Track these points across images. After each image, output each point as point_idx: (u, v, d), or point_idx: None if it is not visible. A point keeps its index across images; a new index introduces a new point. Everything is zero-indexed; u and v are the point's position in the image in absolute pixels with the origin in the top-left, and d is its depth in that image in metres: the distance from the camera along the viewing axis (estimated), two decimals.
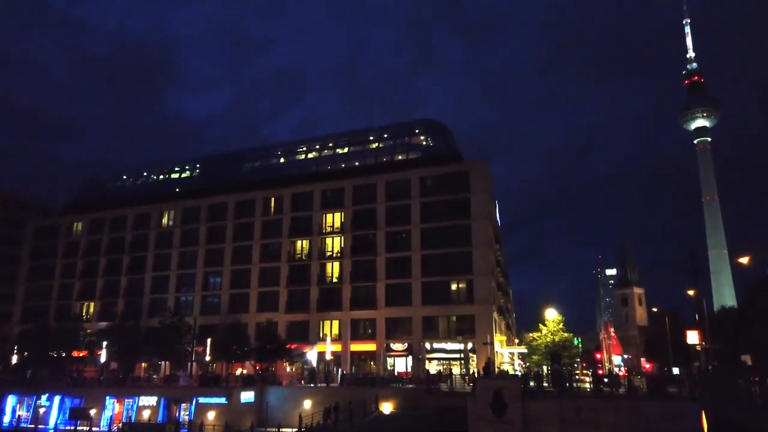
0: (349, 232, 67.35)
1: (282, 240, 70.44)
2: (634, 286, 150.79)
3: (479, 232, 62.10)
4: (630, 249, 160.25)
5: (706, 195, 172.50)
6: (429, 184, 65.56)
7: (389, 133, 73.48)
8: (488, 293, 60.58)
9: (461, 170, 64.71)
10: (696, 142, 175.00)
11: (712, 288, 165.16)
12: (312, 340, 64.87)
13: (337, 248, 68.03)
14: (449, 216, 62.95)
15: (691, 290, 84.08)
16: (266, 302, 68.86)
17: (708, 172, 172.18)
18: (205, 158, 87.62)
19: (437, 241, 62.74)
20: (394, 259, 64.68)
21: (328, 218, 69.43)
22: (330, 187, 70.03)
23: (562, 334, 59.54)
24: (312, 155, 76.56)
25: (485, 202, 63.73)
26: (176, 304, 73.72)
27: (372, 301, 63.99)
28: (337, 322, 65.39)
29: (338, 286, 66.35)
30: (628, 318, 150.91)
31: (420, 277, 62.99)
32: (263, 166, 78.63)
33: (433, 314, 61.77)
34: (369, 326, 64.47)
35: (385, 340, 62.88)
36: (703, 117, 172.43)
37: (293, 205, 71.35)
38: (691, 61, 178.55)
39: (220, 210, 75.76)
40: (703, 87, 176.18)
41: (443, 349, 60.83)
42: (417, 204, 65.14)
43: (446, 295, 61.90)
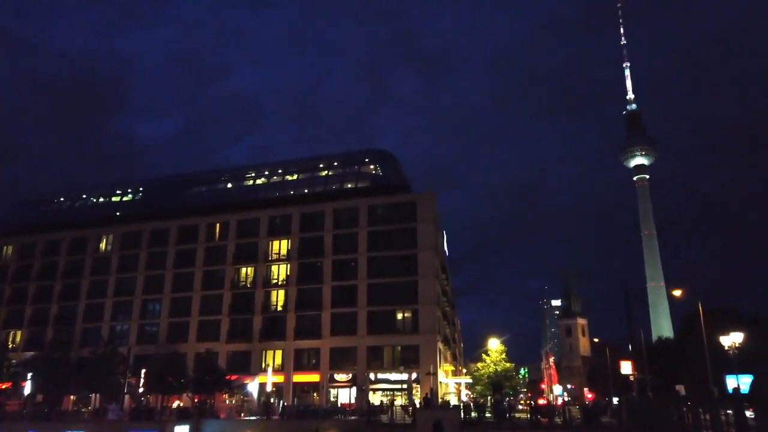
0: (296, 260, 66.55)
1: (226, 267, 68.82)
2: (577, 316, 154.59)
3: (425, 262, 62.55)
4: (574, 280, 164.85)
5: (645, 230, 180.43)
6: (377, 213, 65.92)
7: (339, 161, 73.76)
8: (433, 323, 60.76)
9: (409, 200, 65.48)
10: (635, 179, 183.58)
11: (651, 319, 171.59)
12: (254, 370, 63.04)
13: (283, 276, 66.99)
14: (396, 245, 63.27)
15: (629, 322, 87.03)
16: (207, 331, 66.68)
17: (646, 208, 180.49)
18: (149, 182, 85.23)
19: (384, 270, 62.75)
20: (341, 287, 64.18)
21: (274, 245, 68.48)
22: (277, 214, 69.32)
23: (505, 365, 60.26)
24: (260, 181, 75.77)
25: (432, 232, 64.47)
26: (111, 333, 70.43)
27: (317, 331, 63.02)
28: (281, 352, 63.94)
29: (283, 315, 65.10)
30: (571, 348, 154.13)
31: (366, 306, 62.62)
32: (209, 192, 77.14)
33: (378, 344, 61.30)
34: (313, 356, 63.29)
35: (329, 370, 61.82)
36: (642, 155, 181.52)
37: (239, 232, 70.11)
38: (630, 102, 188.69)
39: (162, 235, 73.52)
40: (641, 127, 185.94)
41: (387, 379, 60.28)
42: (364, 233, 65.23)
43: (392, 324, 61.68)
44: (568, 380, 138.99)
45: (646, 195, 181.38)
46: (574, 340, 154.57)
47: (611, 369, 66.78)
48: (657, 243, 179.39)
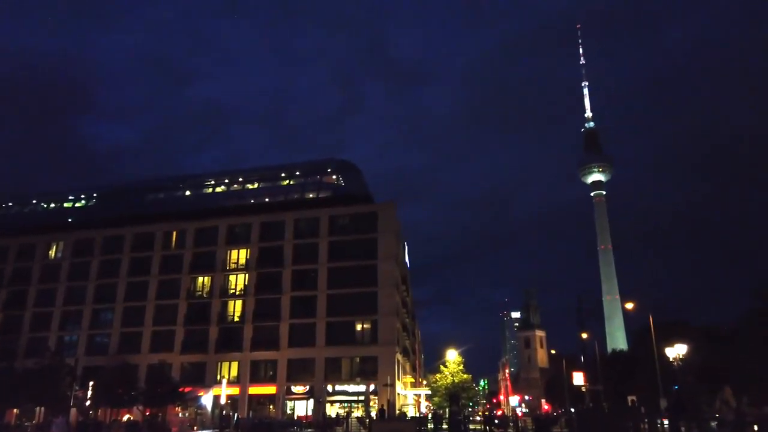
0: (254, 270, 65.67)
1: (182, 276, 67.28)
2: (536, 329, 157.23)
3: (385, 273, 62.67)
4: (534, 293, 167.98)
5: (601, 244, 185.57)
6: (338, 223, 65.83)
7: (301, 171, 73.42)
8: (392, 334, 60.79)
9: (370, 211, 65.63)
10: (593, 195, 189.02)
11: (606, 332, 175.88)
12: (208, 382, 61.55)
13: (241, 286, 65.97)
14: (357, 256, 63.18)
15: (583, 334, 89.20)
16: (161, 342, 64.90)
17: (603, 223, 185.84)
18: (104, 188, 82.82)
19: (344, 281, 62.49)
20: (300, 298, 63.60)
21: (232, 254, 67.43)
22: (236, 223, 68.39)
23: (462, 376, 60.72)
24: (220, 189, 74.66)
25: (392, 243, 64.74)
26: (59, 343, 67.63)
27: (274, 342, 62.14)
28: (237, 363, 62.76)
29: (240, 326, 64.00)
30: (530, 360, 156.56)
31: (325, 316, 62.17)
32: (167, 199, 75.49)
33: (336, 355, 60.89)
34: (270, 368, 62.39)
35: (287, 382, 61.00)
36: (599, 172, 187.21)
37: (196, 240, 68.77)
38: (588, 120, 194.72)
39: (115, 243, 71.40)
40: (598, 144, 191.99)
41: (345, 391, 59.91)
42: (325, 243, 64.97)
43: (350, 335, 61.41)
44: (526, 391, 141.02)
45: (602, 211, 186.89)
46: (532, 351, 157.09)
47: (568, 380, 69.06)
48: (613, 257, 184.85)
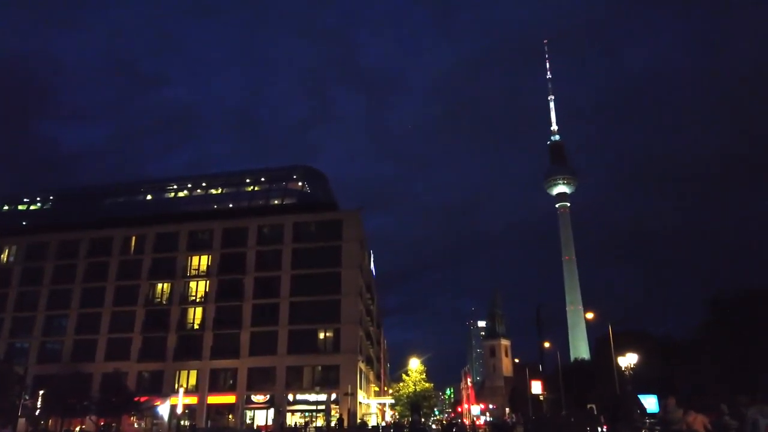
0: (216, 276, 64.52)
1: (140, 282, 65.55)
2: (501, 338, 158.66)
3: (349, 281, 62.41)
4: (499, 302, 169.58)
5: (566, 255, 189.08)
6: (302, 230, 65.31)
7: (266, 176, 72.66)
8: (355, 343, 60.48)
9: (335, 218, 65.35)
10: (557, 206, 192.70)
11: (569, 341, 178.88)
12: (166, 391, 60.01)
13: (202, 292, 64.70)
14: (320, 263, 62.70)
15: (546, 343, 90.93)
16: (117, 350, 62.92)
17: (567, 234, 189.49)
18: (61, 190, 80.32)
19: (307, 289, 61.90)
20: (262, 305, 62.72)
21: (193, 261, 66.13)
22: (198, 228, 67.14)
23: (424, 384, 60.68)
24: (182, 194, 73.23)
25: (357, 251, 64.58)
26: (9, 350, 65.02)
27: (235, 350, 61.06)
28: (195, 372, 61.39)
29: (199, 333, 62.66)
30: (495, 369, 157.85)
31: (287, 324, 61.42)
32: (127, 203, 73.65)
33: (298, 364, 60.15)
34: (230, 376, 61.24)
35: (247, 391, 59.91)
36: (564, 183, 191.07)
37: (156, 246, 67.18)
38: (554, 133, 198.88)
39: (71, 247, 69.15)
40: (563, 156, 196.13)
41: (306, 400, 59.18)
42: (289, 250, 64.34)
43: (313, 343, 60.81)
44: (491, 400, 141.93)
45: (567, 222, 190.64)
46: (497, 360, 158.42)
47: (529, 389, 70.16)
48: (576, 268, 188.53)
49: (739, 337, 49.71)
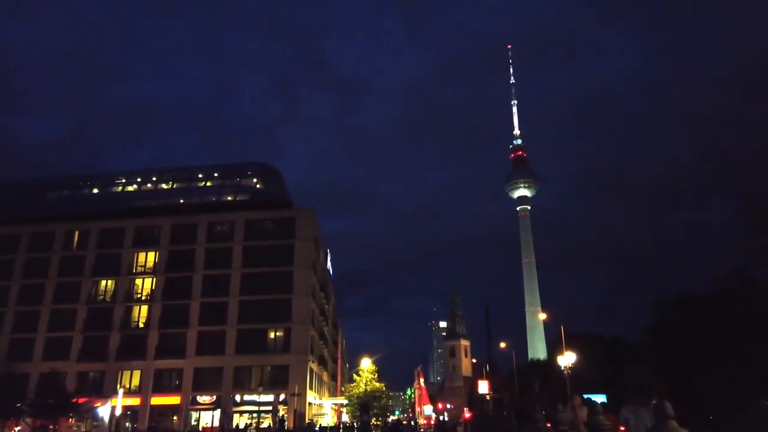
0: (163, 274, 62.65)
1: (83, 279, 63.09)
2: (461, 338, 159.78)
3: (301, 280, 61.53)
4: (459, 303, 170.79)
5: (525, 257, 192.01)
6: (254, 228, 64.02)
7: (220, 172, 71.10)
8: (306, 343, 59.63)
9: (288, 217, 64.37)
10: (518, 209, 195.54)
11: (528, 342, 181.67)
12: (107, 392, 57.75)
13: (148, 290, 62.72)
14: (272, 262, 61.62)
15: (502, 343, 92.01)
16: (55, 349, 60.33)
17: (527, 237, 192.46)
18: (1, 184, 76.67)
19: (258, 287, 60.68)
20: (210, 304, 61.19)
21: (140, 257, 64.06)
22: (146, 224, 65.05)
23: (374, 384, 60.25)
24: (131, 189, 70.96)
25: (310, 250, 63.74)
26: None
27: (181, 350, 59.37)
28: (139, 372, 59.45)
29: (144, 332, 60.72)
30: (454, 369, 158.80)
31: (236, 324, 60.11)
32: (71, 197, 70.76)
33: (246, 364, 58.94)
34: (175, 377, 59.53)
35: (192, 392, 58.36)
36: (525, 187, 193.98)
37: (101, 241, 64.75)
38: (516, 138, 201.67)
39: (10, 241, 65.89)
40: (525, 161, 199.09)
41: (254, 401, 58.02)
42: (240, 248, 63.00)
43: (262, 343, 59.72)
44: (450, 400, 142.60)
45: (527, 225, 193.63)
46: (457, 360, 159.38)
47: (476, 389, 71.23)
48: (535, 270, 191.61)
49: (678, 339, 51.21)
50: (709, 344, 47.81)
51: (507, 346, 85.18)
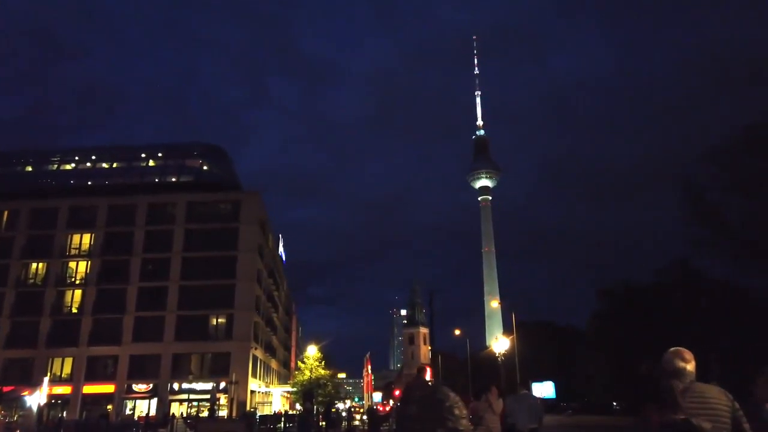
0: (99, 257, 59.68)
1: (11, 262, 59.49)
2: (420, 326, 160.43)
3: (245, 265, 59.58)
4: (419, 291, 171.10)
5: (485, 246, 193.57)
6: (197, 210, 61.55)
7: (163, 152, 68.13)
8: (248, 329, 57.88)
9: (232, 199, 62.14)
10: (480, 199, 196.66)
11: (486, 330, 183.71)
12: (37, 380, 54.80)
13: (82, 274, 59.71)
14: (215, 246, 59.41)
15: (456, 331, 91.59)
16: None
17: (487, 226, 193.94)
18: None
19: (199, 272, 58.34)
20: (149, 288, 58.64)
21: (74, 239, 60.84)
22: (81, 205, 61.69)
23: (319, 372, 59.10)
24: (68, 167, 67.31)
25: (255, 234, 61.72)
26: None
27: (116, 336, 56.73)
28: (71, 359, 56.67)
29: (77, 318, 57.81)
30: (413, 356, 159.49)
31: (176, 309, 57.83)
32: (1, 175, 66.70)
33: (186, 351, 56.86)
34: (110, 364, 57.02)
35: (128, 380, 56.00)
36: (487, 177, 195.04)
37: (32, 222, 61.10)
38: (479, 128, 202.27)
39: None
40: (487, 151, 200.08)
41: (193, 389, 56.00)
42: (181, 230, 60.48)
43: (203, 330, 57.63)
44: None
45: (488, 215, 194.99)
46: (416, 348, 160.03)
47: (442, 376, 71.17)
48: (495, 260, 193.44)
49: (620, 326, 51.81)
50: (649, 332, 48.50)
51: (462, 333, 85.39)
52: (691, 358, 3.90)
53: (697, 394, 3.64)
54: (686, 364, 3.84)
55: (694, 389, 3.68)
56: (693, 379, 3.81)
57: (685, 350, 3.98)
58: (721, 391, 3.73)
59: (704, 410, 3.56)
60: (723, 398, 3.67)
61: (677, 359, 3.87)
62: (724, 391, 3.75)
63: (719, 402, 3.63)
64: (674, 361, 3.86)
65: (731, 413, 3.63)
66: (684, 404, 3.05)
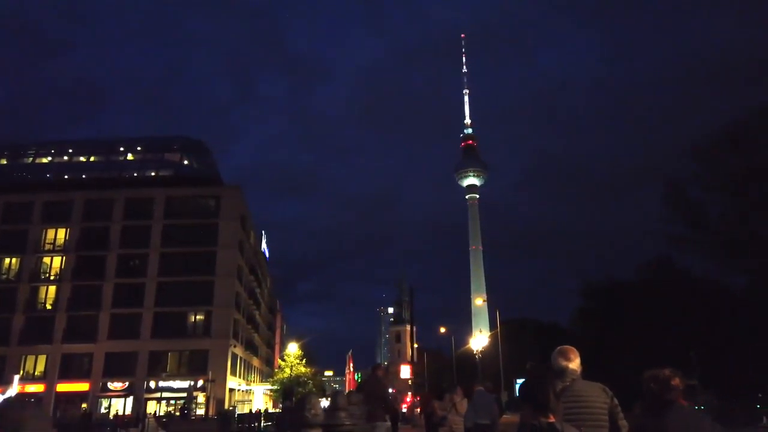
0: (74, 252, 58.33)
1: None
2: (407, 323, 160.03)
3: (225, 261, 58.58)
4: (406, 289, 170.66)
5: (473, 245, 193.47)
6: (175, 205, 60.37)
7: (143, 146, 66.83)
8: (227, 326, 56.89)
9: (212, 194, 61.06)
10: (467, 198, 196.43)
11: (473, 328, 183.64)
12: (9, 378, 53.48)
13: (57, 270, 58.34)
14: (194, 242, 58.35)
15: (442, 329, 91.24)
16: None
17: (475, 225, 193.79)
18: None
19: (178, 268, 57.24)
20: (126, 285, 57.41)
21: (49, 234, 59.42)
22: (56, 199, 60.17)
23: (300, 369, 58.33)
24: (44, 160, 65.79)
25: (236, 229, 60.71)
26: None
27: (92, 334, 55.50)
28: (45, 357, 55.35)
29: (51, 315, 56.47)
30: (399, 354, 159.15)
31: (153, 306, 56.71)
32: None
33: (163, 348, 55.78)
34: (85, 362, 55.78)
35: (103, 378, 54.81)
36: (474, 176, 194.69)
37: (6, 216, 59.34)
38: (467, 126, 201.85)
39: None
40: (475, 150, 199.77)
41: (170, 387, 54.98)
42: (159, 226, 59.27)
43: (181, 327, 56.57)
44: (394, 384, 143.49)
45: (475, 213, 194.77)
46: (402, 346, 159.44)
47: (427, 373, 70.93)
48: (482, 258, 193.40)
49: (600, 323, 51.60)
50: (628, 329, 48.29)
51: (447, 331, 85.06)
52: (575, 357, 3.94)
53: (574, 394, 3.68)
54: (568, 362, 3.88)
55: (572, 388, 3.72)
56: (576, 377, 3.83)
57: (570, 349, 4.05)
58: (600, 388, 3.77)
59: (579, 409, 3.61)
60: (601, 395, 3.72)
61: (560, 358, 3.92)
62: (604, 388, 3.79)
63: (596, 399, 3.69)
64: (557, 360, 3.91)
65: (609, 409, 3.69)
66: (557, 405, 2.94)
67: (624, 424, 3.73)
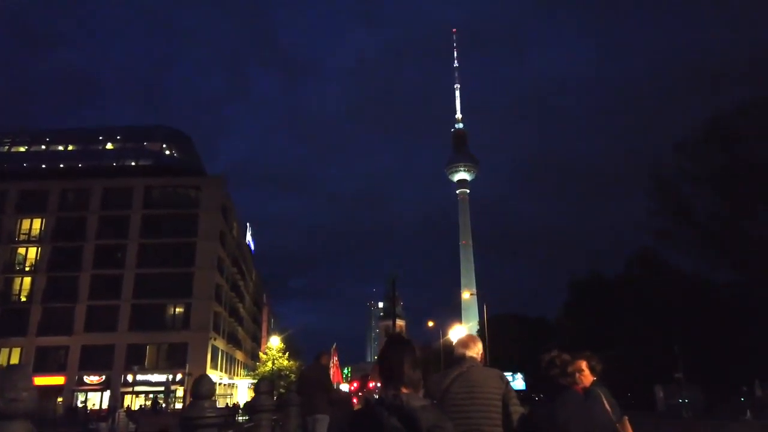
0: (50, 243, 56.91)
1: None
2: (397, 318, 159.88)
3: (205, 253, 57.37)
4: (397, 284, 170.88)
5: (463, 239, 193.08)
6: (155, 195, 59.06)
7: (123, 135, 65.36)
8: (207, 319, 55.77)
9: (192, 184, 59.77)
10: (457, 192, 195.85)
11: (463, 322, 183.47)
12: None
13: (32, 261, 56.92)
14: (173, 232, 57.15)
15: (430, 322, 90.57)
16: None
17: (465, 219, 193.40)
18: None
19: (157, 259, 56.10)
20: (104, 276, 56.12)
21: (24, 224, 57.93)
22: (31, 188, 58.65)
23: (282, 362, 57.37)
24: (20, 149, 64.17)
25: (217, 221, 59.49)
26: None
27: (68, 326, 54.22)
28: (19, 350, 53.98)
29: (26, 307, 55.14)
30: None
31: (131, 298, 55.46)
32: None
33: (141, 341, 54.53)
34: (61, 355, 54.48)
35: (79, 371, 53.56)
36: (465, 171, 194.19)
37: None
38: (458, 122, 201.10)
39: None
40: (466, 145, 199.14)
41: (149, 381, 53.82)
42: (138, 216, 57.96)
43: (160, 320, 55.41)
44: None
45: (465, 208, 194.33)
46: None
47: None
48: (472, 252, 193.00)
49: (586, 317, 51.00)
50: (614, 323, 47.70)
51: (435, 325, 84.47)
52: (474, 345, 4.01)
53: (467, 380, 3.74)
54: (467, 350, 3.97)
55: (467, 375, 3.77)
56: (473, 365, 3.87)
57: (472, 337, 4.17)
58: (494, 375, 3.80)
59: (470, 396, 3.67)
60: (495, 382, 3.75)
61: (459, 346, 4.04)
62: (499, 374, 3.82)
63: (490, 386, 3.71)
64: (457, 348, 4.05)
65: (502, 395, 3.69)
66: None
67: (516, 410, 3.69)
